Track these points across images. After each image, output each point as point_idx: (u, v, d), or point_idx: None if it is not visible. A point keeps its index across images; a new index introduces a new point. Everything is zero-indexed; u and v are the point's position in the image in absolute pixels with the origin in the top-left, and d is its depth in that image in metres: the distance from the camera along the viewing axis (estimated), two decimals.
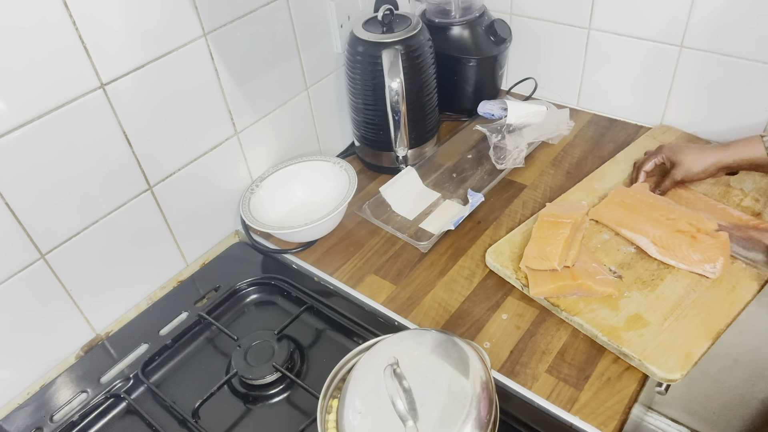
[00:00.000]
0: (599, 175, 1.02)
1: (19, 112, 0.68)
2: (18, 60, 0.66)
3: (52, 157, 0.73)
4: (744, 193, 0.94)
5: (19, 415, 0.77)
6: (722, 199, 0.94)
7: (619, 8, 1.06)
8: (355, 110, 1.07)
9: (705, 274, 0.81)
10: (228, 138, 0.95)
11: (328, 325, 0.87)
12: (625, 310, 0.79)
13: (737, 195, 0.94)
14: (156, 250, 0.91)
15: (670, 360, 0.73)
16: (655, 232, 0.85)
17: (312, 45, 1.03)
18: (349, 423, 0.61)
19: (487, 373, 0.63)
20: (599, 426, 0.69)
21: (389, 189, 1.03)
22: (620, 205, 0.92)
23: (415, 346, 0.66)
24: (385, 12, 0.99)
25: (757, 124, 1.02)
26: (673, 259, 0.83)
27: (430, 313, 0.85)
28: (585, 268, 0.82)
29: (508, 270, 0.87)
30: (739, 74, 0.99)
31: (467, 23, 1.14)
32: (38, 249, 0.76)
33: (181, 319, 0.89)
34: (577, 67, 1.18)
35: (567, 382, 0.74)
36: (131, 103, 0.79)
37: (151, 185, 0.86)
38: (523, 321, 0.82)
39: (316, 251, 0.97)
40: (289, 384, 0.79)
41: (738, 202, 0.93)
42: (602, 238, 0.90)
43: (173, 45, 0.81)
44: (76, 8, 0.69)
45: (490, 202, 1.02)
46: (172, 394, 0.80)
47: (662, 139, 1.08)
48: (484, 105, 1.19)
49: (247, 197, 0.98)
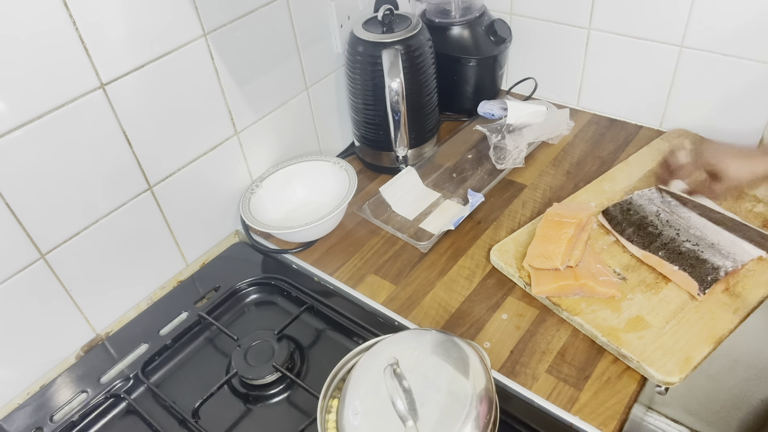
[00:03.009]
0: (610, 177, 1.02)
1: (20, 112, 0.68)
2: (18, 60, 0.66)
3: (52, 157, 0.73)
4: (757, 200, 0.93)
5: (19, 415, 0.77)
6: (735, 205, 0.92)
7: (619, 8, 1.06)
8: (355, 110, 1.07)
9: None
10: (228, 138, 0.95)
11: (328, 325, 0.87)
12: (627, 311, 0.79)
13: (750, 201, 0.93)
14: (156, 250, 0.91)
15: (669, 363, 0.72)
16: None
17: (312, 45, 1.03)
18: (349, 423, 0.61)
19: (487, 373, 0.63)
20: (599, 426, 0.69)
21: (389, 189, 1.03)
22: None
23: (415, 346, 0.66)
24: (385, 12, 0.99)
25: (757, 124, 1.02)
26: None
27: (430, 313, 0.85)
28: (588, 269, 0.82)
29: (512, 268, 0.87)
30: (739, 74, 0.99)
31: (467, 23, 1.14)
32: (38, 249, 0.76)
33: (181, 319, 0.89)
34: (577, 67, 1.18)
35: (567, 382, 0.74)
36: (131, 103, 0.79)
37: (151, 185, 0.86)
38: (524, 321, 0.82)
39: (316, 251, 0.97)
40: (289, 384, 0.79)
41: (750, 209, 0.92)
42: (608, 240, 0.90)
43: (173, 45, 0.81)
44: (76, 8, 0.69)
45: (490, 202, 1.02)
46: (172, 394, 0.79)
47: (677, 143, 1.07)
48: (484, 105, 1.19)
49: (247, 197, 0.98)
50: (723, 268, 0.80)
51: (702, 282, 0.79)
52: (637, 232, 0.87)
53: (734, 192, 0.92)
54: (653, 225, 0.88)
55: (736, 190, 0.91)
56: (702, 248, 0.83)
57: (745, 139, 1.04)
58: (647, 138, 1.11)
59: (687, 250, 0.83)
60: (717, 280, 0.79)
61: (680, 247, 0.84)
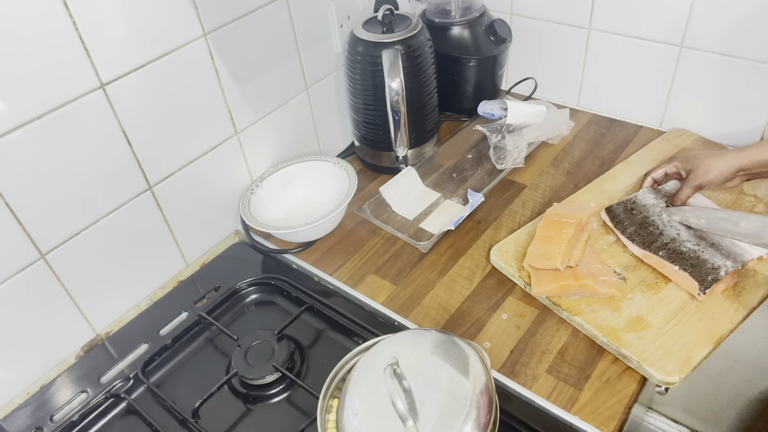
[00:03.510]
0: (610, 177, 1.02)
1: (20, 111, 0.68)
2: (18, 60, 0.66)
3: (52, 157, 0.73)
4: (758, 199, 0.93)
5: (19, 415, 0.77)
6: (734, 206, 0.92)
7: (619, 8, 1.06)
8: (355, 110, 1.07)
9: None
10: (228, 138, 0.95)
11: (328, 325, 0.87)
12: (627, 311, 0.79)
13: (750, 201, 0.93)
14: (156, 250, 0.91)
15: (669, 363, 0.72)
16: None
17: (312, 45, 1.03)
18: (349, 423, 0.61)
19: (487, 373, 0.63)
20: (599, 426, 0.69)
21: (389, 189, 1.03)
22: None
23: (415, 346, 0.66)
24: (385, 12, 0.99)
25: (757, 124, 1.02)
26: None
27: (430, 313, 0.85)
28: (588, 269, 0.82)
29: (512, 268, 0.87)
30: (739, 74, 0.99)
31: (467, 23, 1.14)
32: (38, 249, 0.76)
33: (181, 319, 0.89)
34: (576, 67, 1.18)
35: (567, 382, 0.74)
36: (131, 103, 0.79)
37: (151, 185, 0.86)
38: (524, 321, 0.82)
39: (316, 251, 0.97)
40: (289, 384, 0.79)
41: (750, 208, 0.92)
42: (609, 240, 0.90)
43: (173, 45, 0.81)
44: (77, 8, 0.69)
45: (490, 202, 1.02)
46: (172, 394, 0.79)
47: (677, 142, 1.07)
48: (484, 105, 1.19)
49: (247, 197, 0.98)
50: (723, 267, 0.80)
51: (702, 282, 0.79)
52: (639, 232, 0.88)
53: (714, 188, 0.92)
54: (655, 225, 0.88)
55: (714, 186, 0.90)
56: (702, 248, 0.83)
57: (745, 139, 1.04)
58: (647, 138, 1.11)
59: (688, 250, 0.83)
60: (717, 279, 0.79)
61: (681, 247, 0.84)
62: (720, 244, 0.84)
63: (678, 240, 0.85)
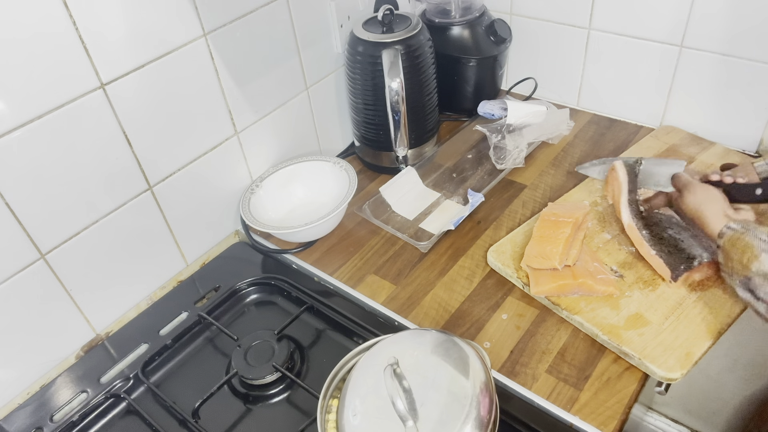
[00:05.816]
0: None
1: (20, 112, 0.68)
2: (18, 60, 0.66)
3: (52, 157, 0.73)
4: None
5: (19, 415, 0.78)
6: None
7: (619, 8, 1.06)
8: (355, 110, 1.07)
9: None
10: (228, 138, 0.95)
11: (328, 325, 0.87)
12: (626, 309, 0.79)
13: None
14: (156, 250, 0.91)
15: (670, 359, 0.73)
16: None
17: (312, 45, 1.03)
18: (349, 423, 0.61)
19: (487, 373, 0.63)
20: (599, 426, 0.69)
21: (389, 189, 1.03)
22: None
23: (415, 346, 0.66)
24: (385, 12, 0.99)
25: (757, 124, 1.02)
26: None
27: (430, 313, 0.85)
28: (586, 268, 0.82)
29: (510, 269, 0.87)
30: (739, 74, 0.99)
31: (467, 23, 1.14)
32: (38, 249, 0.76)
33: (181, 319, 0.89)
34: (576, 67, 1.18)
35: (567, 382, 0.74)
36: (131, 103, 0.79)
37: (151, 185, 0.86)
38: (523, 321, 0.82)
39: (316, 251, 0.97)
40: (289, 384, 0.79)
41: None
42: (604, 238, 0.90)
43: (173, 45, 0.81)
44: (77, 8, 0.69)
45: (490, 202, 1.02)
46: (172, 394, 0.80)
47: (666, 140, 1.07)
48: (484, 105, 1.19)
49: (247, 197, 0.98)
50: (698, 258, 0.81)
51: (674, 269, 0.80)
52: (636, 200, 0.89)
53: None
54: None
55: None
56: (683, 238, 0.85)
57: (745, 140, 1.04)
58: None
59: (668, 237, 0.85)
60: (690, 269, 0.80)
61: (663, 233, 0.85)
62: (701, 236, 0.85)
63: (661, 225, 0.87)
